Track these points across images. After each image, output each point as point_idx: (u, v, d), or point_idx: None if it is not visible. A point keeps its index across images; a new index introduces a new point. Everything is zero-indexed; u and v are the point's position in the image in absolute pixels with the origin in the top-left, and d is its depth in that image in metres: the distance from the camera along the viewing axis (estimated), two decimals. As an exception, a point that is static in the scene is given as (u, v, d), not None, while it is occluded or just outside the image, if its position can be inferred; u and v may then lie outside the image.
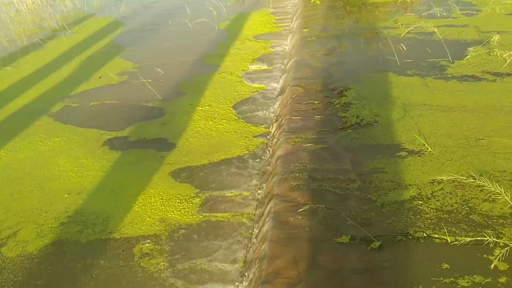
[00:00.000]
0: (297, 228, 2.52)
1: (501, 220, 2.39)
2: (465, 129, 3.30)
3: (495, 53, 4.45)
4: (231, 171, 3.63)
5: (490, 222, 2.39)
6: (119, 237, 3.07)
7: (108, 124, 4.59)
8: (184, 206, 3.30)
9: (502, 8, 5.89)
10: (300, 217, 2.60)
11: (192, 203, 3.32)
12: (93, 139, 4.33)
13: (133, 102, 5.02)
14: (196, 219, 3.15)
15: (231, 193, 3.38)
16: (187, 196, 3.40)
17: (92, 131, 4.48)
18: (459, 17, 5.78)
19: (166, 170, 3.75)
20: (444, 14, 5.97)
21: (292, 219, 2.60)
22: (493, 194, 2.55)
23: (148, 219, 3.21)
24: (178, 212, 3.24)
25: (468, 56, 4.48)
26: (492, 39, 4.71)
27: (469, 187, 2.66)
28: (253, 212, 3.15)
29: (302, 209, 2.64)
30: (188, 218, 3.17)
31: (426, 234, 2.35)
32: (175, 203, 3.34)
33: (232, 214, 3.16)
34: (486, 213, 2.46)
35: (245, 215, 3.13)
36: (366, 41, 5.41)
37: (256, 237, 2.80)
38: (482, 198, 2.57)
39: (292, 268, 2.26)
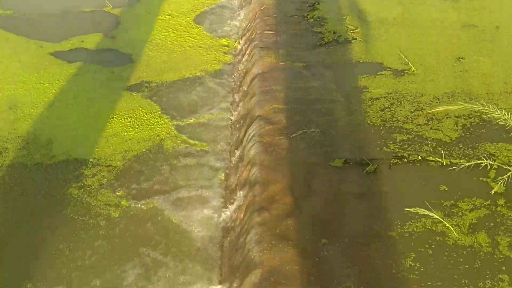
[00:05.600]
0: (288, 152, 2.38)
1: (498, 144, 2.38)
2: (444, 48, 3.21)
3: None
4: (201, 89, 3.36)
5: (485, 146, 2.37)
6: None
7: (51, 35, 4.02)
8: (141, 126, 3.04)
9: None
10: (288, 140, 2.45)
11: (154, 119, 3.06)
12: (34, 50, 3.81)
13: (78, 9, 4.41)
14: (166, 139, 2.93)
15: (204, 113, 3.15)
16: (147, 113, 3.12)
17: (32, 42, 3.92)
18: None
19: (120, 85, 3.42)
20: None
21: (280, 142, 2.44)
22: (486, 117, 2.52)
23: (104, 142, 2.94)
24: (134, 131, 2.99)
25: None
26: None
27: (462, 112, 2.58)
28: (228, 134, 2.97)
29: (290, 132, 2.49)
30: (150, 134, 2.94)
31: (420, 157, 2.30)
32: (135, 121, 3.06)
33: (205, 142, 2.97)
34: (481, 137, 2.42)
35: (219, 142, 2.95)
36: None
37: (235, 162, 2.65)
38: (477, 123, 2.53)
39: (287, 194, 2.15)
